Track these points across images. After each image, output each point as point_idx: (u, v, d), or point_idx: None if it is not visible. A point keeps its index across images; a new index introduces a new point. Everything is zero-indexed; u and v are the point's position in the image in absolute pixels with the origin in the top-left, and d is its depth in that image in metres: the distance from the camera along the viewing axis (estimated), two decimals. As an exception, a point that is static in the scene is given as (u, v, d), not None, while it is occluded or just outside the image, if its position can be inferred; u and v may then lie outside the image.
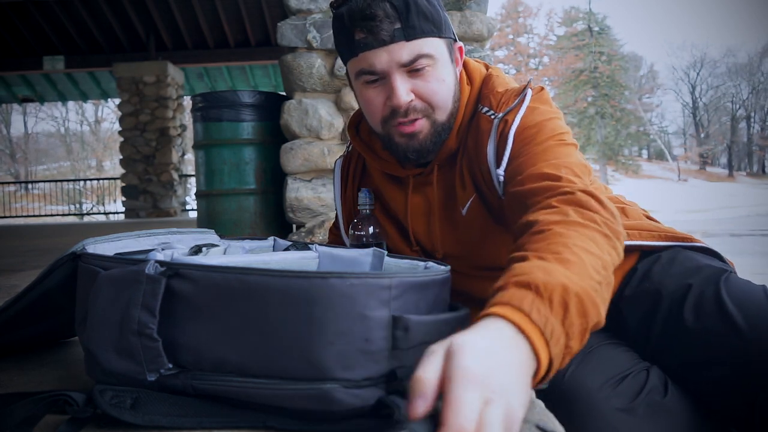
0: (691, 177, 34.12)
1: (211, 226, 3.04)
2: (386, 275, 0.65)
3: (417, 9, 0.90)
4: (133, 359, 0.67)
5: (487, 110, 1.00)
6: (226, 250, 0.99)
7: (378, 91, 0.95)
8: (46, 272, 0.82)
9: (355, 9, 0.90)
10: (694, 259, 1.01)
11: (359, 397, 0.63)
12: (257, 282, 0.64)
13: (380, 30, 0.89)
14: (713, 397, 0.89)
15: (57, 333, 1.05)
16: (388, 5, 0.89)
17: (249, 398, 0.67)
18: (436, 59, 0.93)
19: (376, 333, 0.63)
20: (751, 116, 39.31)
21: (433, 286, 0.70)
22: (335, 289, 0.63)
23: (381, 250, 0.88)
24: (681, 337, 0.92)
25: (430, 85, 0.94)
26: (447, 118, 0.98)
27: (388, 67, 0.92)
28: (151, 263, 0.67)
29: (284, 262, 0.87)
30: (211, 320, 0.67)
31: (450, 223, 1.07)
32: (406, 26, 0.89)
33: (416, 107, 0.95)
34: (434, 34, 0.92)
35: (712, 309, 0.89)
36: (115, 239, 0.87)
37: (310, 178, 2.97)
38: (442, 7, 0.96)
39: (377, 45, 0.90)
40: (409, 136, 0.97)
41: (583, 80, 32.56)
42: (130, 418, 0.63)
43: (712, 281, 0.93)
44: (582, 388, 0.91)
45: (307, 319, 0.63)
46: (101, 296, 0.69)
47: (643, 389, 0.90)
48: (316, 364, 0.63)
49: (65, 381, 0.85)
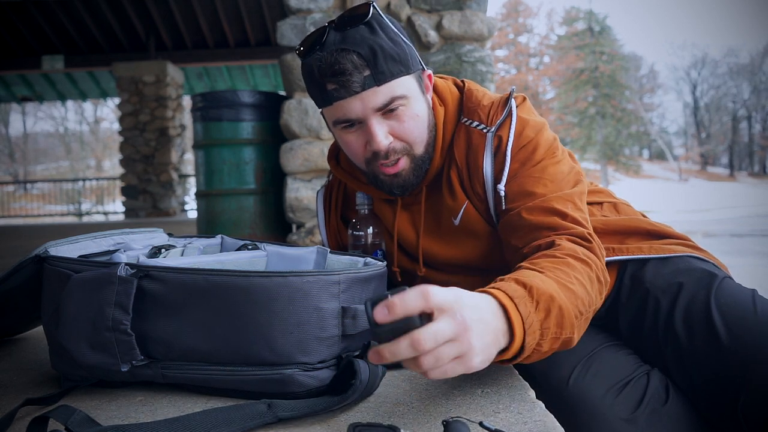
0: (692, 177, 34.13)
1: (211, 226, 3.03)
2: (336, 272, 0.76)
3: (384, 53, 0.91)
4: (108, 352, 0.74)
5: (477, 124, 1.02)
6: (183, 251, 1.04)
7: (356, 136, 0.97)
8: (10, 273, 0.87)
9: (324, 64, 0.90)
10: (685, 260, 1.05)
11: (316, 378, 0.75)
12: (224, 282, 0.73)
13: (351, 82, 0.90)
14: (702, 401, 0.92)
15: (15, 329, 1.12)
16: (355, 56, 0.89)
17: (217, 384, 0.76)
18: (409, 98, 0.95)
19: (328, 322, 0.74)
20: (752, 116, 39.34)
21: (373, 279, 0.83)
22: (293, 286, 0.73)
23: (324, 248, 0.98)
24: (671, 339, 0.97)
25: (405, 125, 0.96)
26: (425, 149, 1.01)
27: (364, 114, 0.93)
28: (122, 266, 0.75)
29: (237, 261, 0.95)
30: (181, 316, 0.75)
31: (440, 238, 1.09)
32: (375, 72, 0.90)
33: (396, 148, 0.97)
34: (403, 73, 0.94)
35: (700, 317, 0.94)
36: (74, 241, 0.94)
37: (310, 178, 2.95)
38: (406, 40, 0.97)
39: (349, 95, 0.91)
40: (393, 175, 1.00)
41: (583, 80, 32.54)
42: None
43: (704, 285, 0.98)
44: (585, 396, 0.93)
45: (269, 313, 0.72)
46: (74, 297, 0.75)
47: (645, 396, 0.93)
48: (278, 352, 0.73)
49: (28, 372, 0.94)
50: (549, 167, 0.98)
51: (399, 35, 0.95)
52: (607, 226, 1.09)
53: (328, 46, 0.90)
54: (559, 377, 0.96)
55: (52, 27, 8.74)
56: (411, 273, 1.14)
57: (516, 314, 0.67)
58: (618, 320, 1.07)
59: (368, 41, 0.90)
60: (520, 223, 0.95)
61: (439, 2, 2.95)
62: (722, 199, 23.17)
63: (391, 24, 0.95)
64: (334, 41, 0.91)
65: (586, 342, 1.01)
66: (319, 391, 0.75)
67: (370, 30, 0.91)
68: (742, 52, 52.21)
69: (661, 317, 0.99)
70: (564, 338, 0.74)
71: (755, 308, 0.92)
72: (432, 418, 0.69)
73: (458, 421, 0.61)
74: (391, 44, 0.92)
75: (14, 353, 1.06)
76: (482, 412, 0.71)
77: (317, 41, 0.92)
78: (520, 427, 0.66)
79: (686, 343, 0.94)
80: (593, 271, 0.85)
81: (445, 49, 2.95)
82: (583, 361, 0.98)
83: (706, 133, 39.74)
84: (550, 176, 0.97)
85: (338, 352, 0.77)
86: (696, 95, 39.68)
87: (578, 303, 0.77)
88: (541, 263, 0.81)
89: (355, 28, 0.91)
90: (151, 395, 0.80)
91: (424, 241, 1.10)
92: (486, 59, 2.97)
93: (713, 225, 12.11)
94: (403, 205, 1.11)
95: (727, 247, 7.70)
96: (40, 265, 0.84)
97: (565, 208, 0.94)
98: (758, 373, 0.84)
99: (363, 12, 0.92)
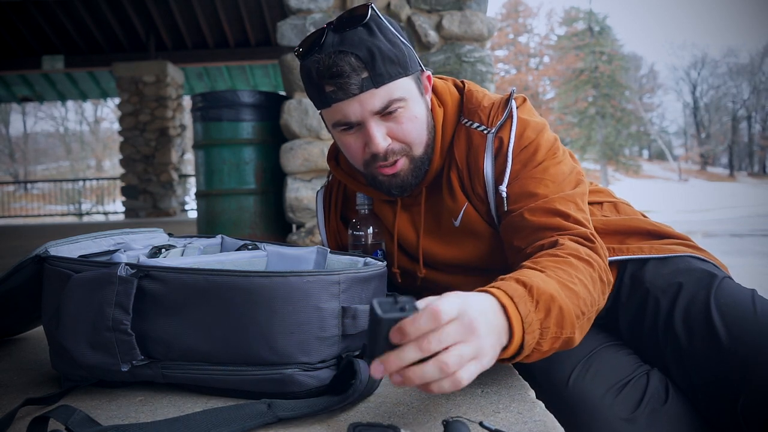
0: (692, 177, 34.11)
1: (211, 226, 3.03)
2: (336, 272, 0.76)
3: (382, 55, 0.91)
4: (108, 352, 0.74)
5: (477, 125, 1.02)
6: (183, 251, 1.04)
7: (355, 138, 0.97)
8: (10, 273, 0.87)
9: (322, 66, 0.90)
10: (685, 260, 1.05)
11: (316, 378, 0.75)
12: (224, 282, 0.73)
13: (349, 84, 0.90)
14: (702, 401, 0.93)
15: (14, 329, 1.12)
16: (353, 58, 0.89)
17: (217, 384, 0.76)
18: (407, 100, 0.95)
19: (329, 322, 0.74)
20: (752, 116, 39.32)
21: (373, 279, 0.83)
22: (294, 286, 0.72)
23: (324, 248, 0.98)
24: (671, 339, 0.97)
25: (404, 127, 0.96)
26: (424, 150, 1.01)
27: (362, 117, 0.94)
28: (122, 266, 0.75)
29: (237, 261, 0.95)
30: (181, 315, 0.75)
31: (440, 238, 1.09)
32: (373, 75, 0.91)
33: (394, 149, 0.97)
34: (401, 75, 0.94)
35: (700, 317, 0.94)
36: (74, 241, 0.93)
37: (310, 178, 2.95)
38: (405, 41, 0.97)
39: (347, 97, 0.92)
40: (391, 176, 1.00)
41: (583, 80, 32.52)
42: None
43: (704, 285, 0.98)
44: (585, 396, 0.94)
45: (270, 313, 0.72)
46: (74, 297, 0.75)
47: (645, 396, 0.93)
48: (278, 351, 0.73)
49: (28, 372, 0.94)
50: (550, 168, 0.98)
51: (398, 36, 0.95)
52: (608, 226, 1.09)
53: (326, 48, 0.90)
54: (559, 377, 0.96)
55: (52, 27, 8.74)
56: (411, 273, 1.14)
57: (515, 313, 0.68)
58: (618, 320, 1.07)
59: (366, 43, 0.90)
60: (523, 225, 0.95)
61: (439, 2, 2.95)
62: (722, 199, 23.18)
63: (389, 25, 0.95)
64: (332, 43, 0.90)
65: (586, 342, 1.01)
66: (319, 390, 0.75)
67: (368, 32, 0.91)
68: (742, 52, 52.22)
69: (660, 317, 0.99)
70: (564, 338, 0.75)
71: (755, 308, 0.92)
72: (432, 418, 0.69)
73: (458, 421, 0.61)
74: (390, 46, 0.92)
75: (14, 353, 1.07)
76: (482, 412, 0.71)
77: (316, 43, 0.92)
78: (520, 427, 0.67)
79: (686, 343, 0.94)
80: (596, 271, 0.85)
81: (445, 50, 2.96)
82: (583, 360, 0.98)
83: (706, 133, 39.73)
84: (551, 177, 0.97)
85: (338, 352, 0.77)
86: (696, 95, 39.67)
87: (579, 303, 0.78)
88: (543, 262, 0.82)
89: (354, 30, 0.91)
90: (151, 395, 0.80)
91: (425, 242, 1.10)
92: (486, 59, 2.97)
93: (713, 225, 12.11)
94: (403, 206, 1.11)
95: (727, 247, 7.70)
96: (41, 265, 0.84)
97: (568, 208, 0.94)
98: (758, 374, 0.84)
99: (361, 13, 0.91)
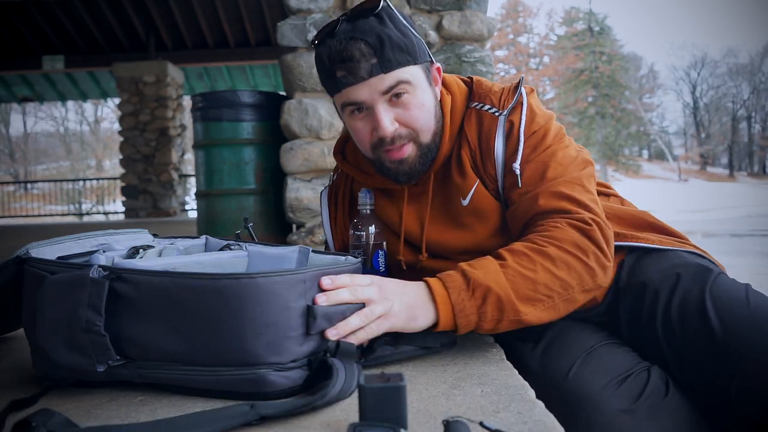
0: (692, 177, 34.11)
1: (211, 226, 3.03)
2: (302, 270, 0.77)
3: (391, 43, 0.95)
4: (83, 353, 0.74)
5: (489, 108, 1.07)
6: (161, 252, 1.04)
7: (364, 122, 1.02)
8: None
9: (333, 51, 0.96)
10: (683, 255, 1.07)
11: (288, 378, 0.75)
12: (193, 284, 0.73)
13: (359, 69, 0.95)
14: (699, 395, 0.94)
15: (0, 329, 1.12)
16: (363, 44, 0.94)
17: (195, 384, 0.76)
18: (414, 85, 1.00)
19: (297, 321, 0.75)
20: (751, 116, 39.31)
21: None
22: (262, 286, 0.73)
23: (306, 247, 0.98)
24: (668, 334, 0.98)
25: (411, 113, 1.00)
26: (432, 138, 1.05)
27: (371, 99, 0.98)
28: (95, 268, 0.75)
29: (217, 261, 0.94)
30: (153, 318, 0.75)
31: (447, 224, 1.11)
32: (382, 60, 0.95)
33: (401, 134, 1.01)
34: (410, 63, 0.98)
35: (695, 311, 0.95)
36: (57, 242, 0.94)
37: (310, 178, 2.95)
38: (416, 33, 1.01)
39: (357, 81, 0.97)
40: (399, 161, 1.03)
41: (583, 80, 32.53)
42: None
43: (699, 280, 0.99)
44: (584, 389, 0.94)
45: (239, 314, 0.72)
46: (49, 298, 0.76)
47: (645, 390, 0.94)
48: (250, 352, 0.73)
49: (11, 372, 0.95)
50: (558, 152, 1.02)
51: (408, 28, 1.00)
52: (617, 214, 1.12)
53: (339, 35, 0.96)
54: (558, 371, 0.97)
55: (52, 27, 8.74)
56: (413, 263, 1.15)
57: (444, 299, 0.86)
58: (618, 316, 1.08)
59: (376, 30, 0.95)
60: (528, 207, 0.99)
61: (439, 2, 2.95)
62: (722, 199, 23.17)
63: (401, 17, 0.99)
64: (344, 30, 0.96)
65: (586, 339, 1.02)
66: (293, 391, 0.75)
67: (379, 21, 0.96)
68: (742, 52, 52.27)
69: (658, 310, 1.00)
70: (510, 319, 0.87)
71: (749, 302, 0.93)
72: (432, 418, 0.69)
73: (458, 421, 0.61)
74: (399, 35, 0.97)
75: (3, 353, 1.06)
76: (482, 412, 0.71)
77: (330, 31, 0.98)
78: (520, 427, 0.66)
79: (682, 337, 0.95)
80: (579, 258, 0.91)
81: (445, 50, 2.96)
82: (582, 356, 0.99)
83: (706, 133, 39.71)
84: (559, 160, 1.01)
85: (309, 351, 0.77)
86: (696, 95, 39.66)
87: (538, 288, 0.88)
88: (514, 247, 0.93)
89: (365, 19, 0.96)
90: (151, 395, 0.80)
91: (431, 231, 1.12)
92: (486, 59, 2.97)
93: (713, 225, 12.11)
94: (410, 196, 1.13)
95: (727, 247, 7.70)
96: (22, 266, 0.84)
97: (573, 191, 0.98)
98: (752, 367, 0.85)
99: (374, 4, 0.97)
